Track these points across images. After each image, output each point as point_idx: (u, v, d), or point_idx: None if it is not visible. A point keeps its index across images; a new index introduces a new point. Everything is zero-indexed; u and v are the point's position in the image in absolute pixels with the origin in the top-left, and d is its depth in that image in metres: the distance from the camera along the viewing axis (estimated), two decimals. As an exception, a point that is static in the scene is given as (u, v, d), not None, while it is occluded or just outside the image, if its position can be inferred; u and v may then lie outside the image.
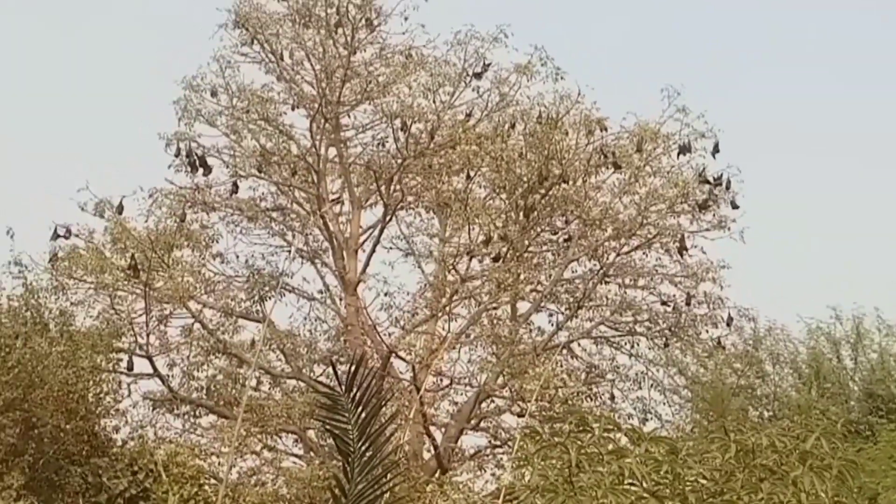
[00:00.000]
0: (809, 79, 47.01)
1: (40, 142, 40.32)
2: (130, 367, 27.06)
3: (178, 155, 28.64)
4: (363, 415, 7.29)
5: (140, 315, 27.64)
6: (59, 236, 27.48)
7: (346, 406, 7.35)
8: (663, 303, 29.59)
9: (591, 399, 28.81)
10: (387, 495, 7.63)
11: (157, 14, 40.63)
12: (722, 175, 28.54)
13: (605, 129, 28.58)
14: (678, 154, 28.44)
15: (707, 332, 29.31)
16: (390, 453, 7.57)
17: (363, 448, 7.32)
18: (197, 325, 28.66)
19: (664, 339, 29.51)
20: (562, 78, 28.12)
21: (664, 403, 29.55)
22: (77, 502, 19.25)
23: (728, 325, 29.18)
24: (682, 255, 29.02)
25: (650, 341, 29.83)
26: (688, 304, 29.15)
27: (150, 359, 27.57)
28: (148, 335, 27.59)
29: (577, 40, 39.60)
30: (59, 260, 27.22)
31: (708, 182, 28.42)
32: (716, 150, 28.47)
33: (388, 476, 7.45)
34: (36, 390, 21.02)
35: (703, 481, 9.27)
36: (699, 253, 29.11)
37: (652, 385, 29.59)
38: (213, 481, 24.09)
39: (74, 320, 23.75)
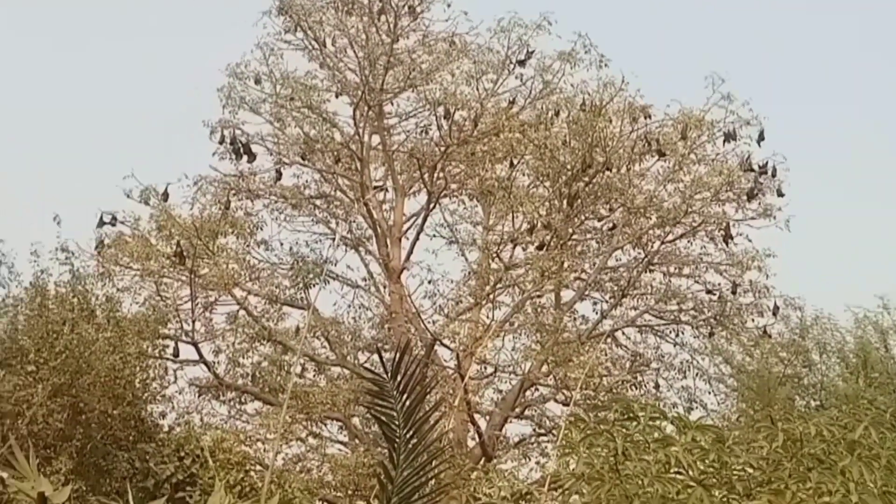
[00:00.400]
0: (856, 65, 46.55)
1: (86, 129, 40.61)
2: (176, 354, 27.21)
3: (222, 142, 28.76)
4: (408, 401, 7.28)
5: (185, 302, 27.80)
6: (105, 223, 27.67)
7: (391, 393, 7.35)
8: (708, 291, 29.41)
9: (636, 388, 28.71)
10: (432, 482, 7.62)
11: (203, 1, 40.79)
12: (767, 163, 28.34)
13: (649, 117, 28.44)
14: (724, 142, 28.26)
15: (753, 321, 29.13)
16: (435, 440, 7.55)
17: (408, 434, 7.31)
18: (242, 312, 28.77)
19: (709, 327, 29.35)
20: (605, 65, 28.02)
21: (709, 393, 29.42)
22: (124, 487, 19.38)
23: (774, 314, 28.96)
24: (727, 244, 28.84)
25: (695, 330, 29.68)
26: (733, 292, 28.96)
27: (195, 345, 27.72)
28: (193, 322, 27.74)
29: (620, 27, 39.39)
30: (105, 247, 27.42)
31: (753, 170, 28.22)
32: (761, 137, 28.29)
33: (434, 462, 7.44)
34: (83, 376, 21.18)
35: (750, 470, 9.20)
36: (744, 241, 28.96)
37: (697, 374, 29.44)
38: (258, 467, 24.23)
39: (121, 306, 23.90)
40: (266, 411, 27.70)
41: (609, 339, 29.27)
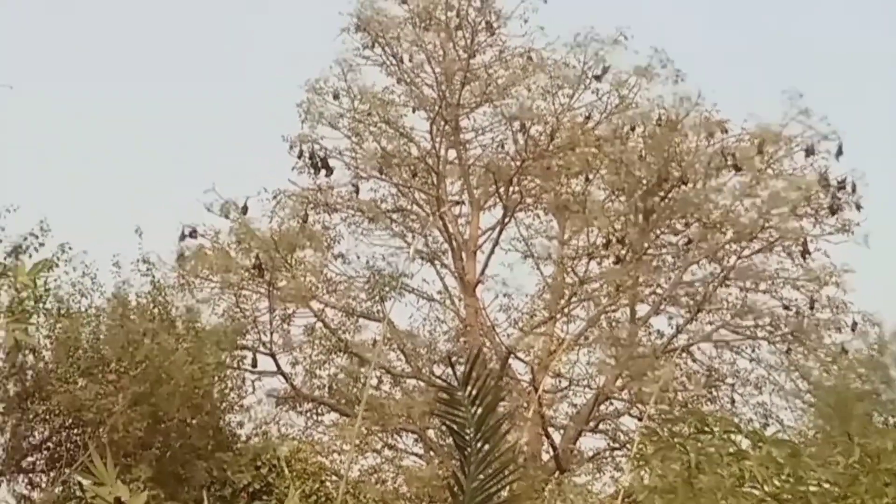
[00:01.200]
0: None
1: (168, 143, 41.11)
2: (254, 365, 27.40)
3: (300, 157, 28.95)
4: (479, 410, 7.23)
5: (264, 314, 27.99)
6: (186, 236, 27.97)
7: (462, 402, 7.31)
8: (785, 307, 29.03)
9: (711, 403, 28.47)
10: (504, 493, 7.56)
11: (280, 18, 41.11)
12: (846, 178, 27.96)
13: (726, 132, 28.21)
14: (805, 156, 27.93)
15: (830, 336, 28.72)
16: (507, 450, 7.49)
17: (479, 444, 7.26)
18: (319, 325, 28.93)
19: (786, 343, 28.97)
20: (681, 80, 27.85)
21: (786, 409, 29.02)
22: (202, 496, 19.52)
23: (853, 329, 28.51)
24: (804, 259, 28.47)
25: (772, 345, 29.30)
26: (811, 308, 28.58)
27: (273, 356, 27.89)
28: (271, 333, 27.92)
29: (697, 42, 39.09)
30: (185, 259, 27.70)
31: (831, 185, 27.84)
32: (839, 152, 27.92)
33: (505, 472, 7.38)
34: (163, 385, 21.38)
35: (826, 485, 9.02)
36: (822, 256, 28.57)
37: (773, 390, 29.08)
38: (334, 478, 24.29)
39: (200, 317, 24.12)
40: (342, 423, 27.79)
41: (684, 354, 29.01)
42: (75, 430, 21.94)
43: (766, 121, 28.14)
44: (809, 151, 27.95)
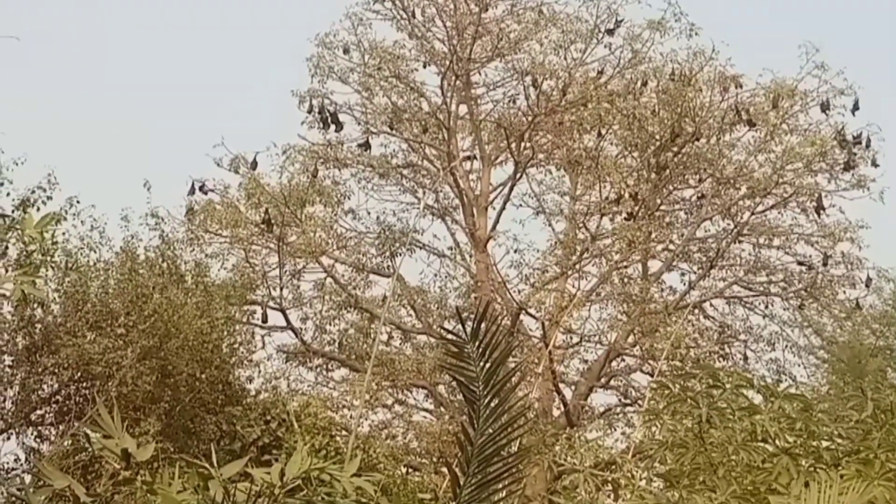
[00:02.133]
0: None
1: (176, 97, 41.01)
2: (264, 320, 27.45)
3: (310, 111, 28.84)
4: (488, 364, 7.19)
5: (273, 269, 28.03)
6: (195, 191, 27.96)
7: (472, 356, 7.27)
8: (799, 263, 28.97)
9: (724, 359, 28.48)
10: (514, 447, 7.53)
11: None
12: (861, 133, 27.82)
13: (740, 86, 28.03)
14: (822, 111, 27.75)
15: (844, 292, 28.70)
16: (516, 404, 7.45)
17: (488, 398, 7.23)
18: (329, 280, 28.96)
19: (799, 299, 28.95)
20: (696, 34, 27.61)
21: (799, 365, 29.04)
22: (211, 449, 19.58)
23: (867, 285, 28.49)
24: (819, 215, 28.39)
25: (785, 302, 29.29)
26: (824, 264, 28.53)
27: (283, 312, 27.95)
28: (281, 289, 27.96)
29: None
30: (195, 213, 27.70)
31: (847, 140, 27.69)
32: (855, 107, 27.77)
33: (514, 426, 7.34)
34: (172, 339, 21.37)
35: (839, 440, 8.99)
36: (837, 212, 28.53)
37: (786, 346, 29.08)
38: (344, 433, 24.35)
39: (209, 272, 24.07)
40: (352, 378, 27.86)
41: (696, 311, 28.99)
42: (84, 384, 21.97)
43: (782, 75, 28.03)
44: (825, 107, 27.81)
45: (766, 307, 29.43)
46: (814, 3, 39.75)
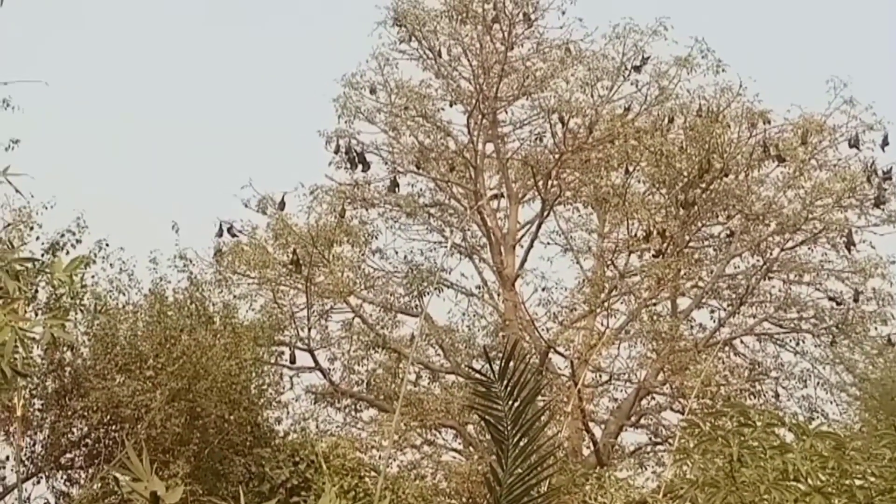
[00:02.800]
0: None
1: (204, 140, 41.30)
2: (293, 360, 27.48)
3: (337, 152, 28.98)
4: (517, 403, 7.19)
5: (301, 309, 28.05)
6: (223, 232, 28.08)
7: (499, 395, 7.27)
8: (830, 299, 28.81)
9: (755, 397, 28.26)
10: (543, 487, 7.51)
11: (317, 12, 41.21)
12: (892, 169, 27.77)
13: (768, 122, 28.00)
14: (850, 146, 27.70)
15: (876, 329, 28.47)
16: (545, 443, 7.44)
17: (517, 437, 7.22)
18: (357, 320, 28.96)
19: (831, 336, 28.74)
20: (723, 70, 27.63)
21: (831, 402, 28.77)
22: (240, 491, 19.58)
23: (899, 321, 28.29)
24: (849, 251, 28.25)
25: (816, 339, 29.09)
26: (856, 300, 28.34)
27: (311, 352, 27.97)
28: (309, 329, 27.99)
29: (738, 31, 38.80)
30: (223, 255, 27.80)
31: (877, 176, 27.62)
32: (885, 142, 27.70)
33: (543, 465, 7.33)
34: (200, 381, 21.43)
35: (872, 479, 8.92)
36: (867, 248, 28.36)
37: (818, 383, 28.84)
38: (372, 474, 24.29)
39: (237, 313, 24.15)
40: (381, 418, 27.81)
41: (727, 348, 28.84)
42: (113, 427, 22.05)
43: (810, 111, 27.99)
44: (854, 142, 27.75)
45: (797, 344, 29.23)
46: (841, 38, 39.74)
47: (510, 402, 7.31)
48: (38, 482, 22.81)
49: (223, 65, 42.24)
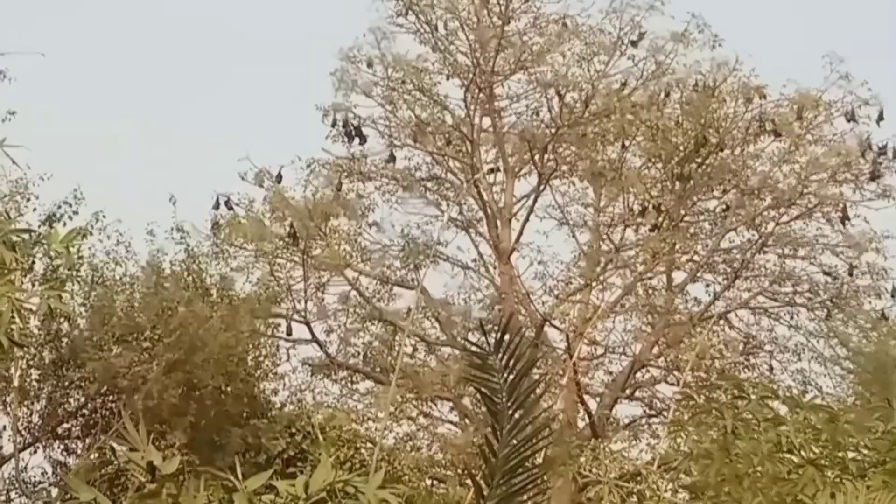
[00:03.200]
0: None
1: (201, 112, 41.21)
2: (289, 333, 27.45)
3: (334, 125, 28.88)
4: (512, 376, 7.19)
5: (298, 282, 28.04)
6: (220, 205, 28.03)
7: (495, 367, 7.26)
8: (825, 273, 28.84)
9: (749, 370, 28.34)
10: (538, 458, 7.51)
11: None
12: (887, 144, 27.75)
13: (764, 97, 27.97)
14: (847, 120, 27.69)
15: (870, 303, 28.54)
16: (540, 416, 7.43)
17: (512, 409, 7.22)
18: (353, 293, 28.95)
19: (825, 310, 28.78)
20: (719, 45, 27.60)
21: (825, 375, 28.82)
22: (236, 462, 19.63)
23: (893, 296, 28.31)
24: (844, 225, 28.26)
25: (810, 312, 29.12)
26: (850, 274, 28.37)
27: (308, 325, 27.96)
28: (306, 302, 27.97)
29: (734, 6, 38.68)
30: (220, 227, 27.78)
31: (872, 151, 27.62)
32: (880, 117, 27.69)
33: (538, 437, 7.33)
34: (197, 353, 21.45)
35: (864, 451, 8.94)
36: (862, 223, 28.36)
37: (812, 357, 28.91)
38: (368, 445, 24.38)
39: (234, 286, 24.19)
40: (377, 390, 27.85)
41: (721, 321, 28.87)
42: (110, 397, 22.11)
43: (806, 86, 27.95)
44: (850, 117, 27.73)
45: (792, 318, 29.24)
46: (837, 14, 39.62)
47: (506, 375, 7.30)
48: (35, 452, 22.87)
49: (221, 37, 42.10)
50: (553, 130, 28.21)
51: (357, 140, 28.97)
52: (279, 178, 28.40)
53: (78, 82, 39.66)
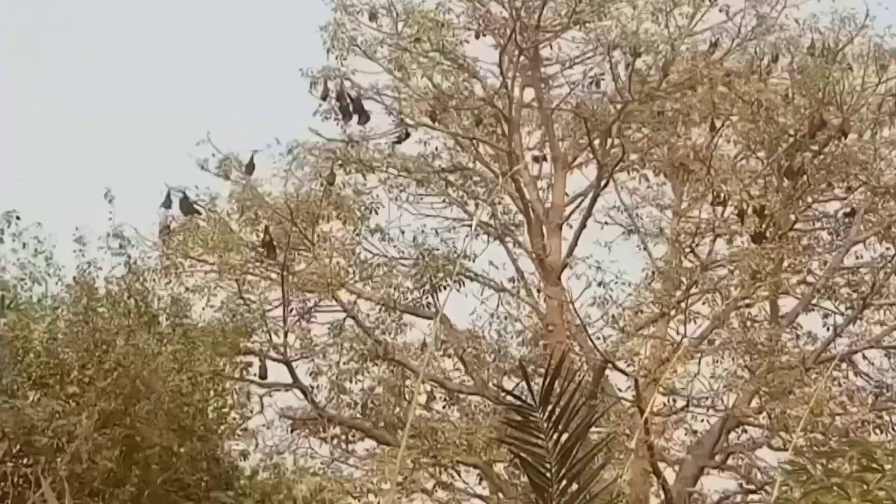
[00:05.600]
0: None
1: (149, 83, 41.44)
2: (263, 375, 27.59)
3: (325, 97, 29.03)
4: (563, 437, 7.22)
5: (276, 307, 28.18)
6: (172, 203, 28.19)
7: (540, 425, 7.30)
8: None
9: (881, 431, 28.31)
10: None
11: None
12: None
13: (904, 64, 28.08)
14: None
15: None
16: (601, 491, 7.46)
17: (564, 483, 7.25)
18: (349, 322, 29.08)
19: None
20: (844, -7, 27.72)
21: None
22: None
23: None
24: None
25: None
26: None
27: (288, 364, 28.08)
28: (286, 333, 28.10)
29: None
30: (171, 233, 27.94)
31: None
32: None
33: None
34: (141, 401, 21.48)
35: None
36: None
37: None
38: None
39: (191, 311, 24.25)
40: (380, 453, 27.93)
41: (844, 365, 28.91)
42: (25, 461, 22.17)
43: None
44: None
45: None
46: None
47: (555, 436, 7.35)
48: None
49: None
50: (619, 106, 28.31)
51: (356, 117, 29.11)
52: (251, 167, 28.58)
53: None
